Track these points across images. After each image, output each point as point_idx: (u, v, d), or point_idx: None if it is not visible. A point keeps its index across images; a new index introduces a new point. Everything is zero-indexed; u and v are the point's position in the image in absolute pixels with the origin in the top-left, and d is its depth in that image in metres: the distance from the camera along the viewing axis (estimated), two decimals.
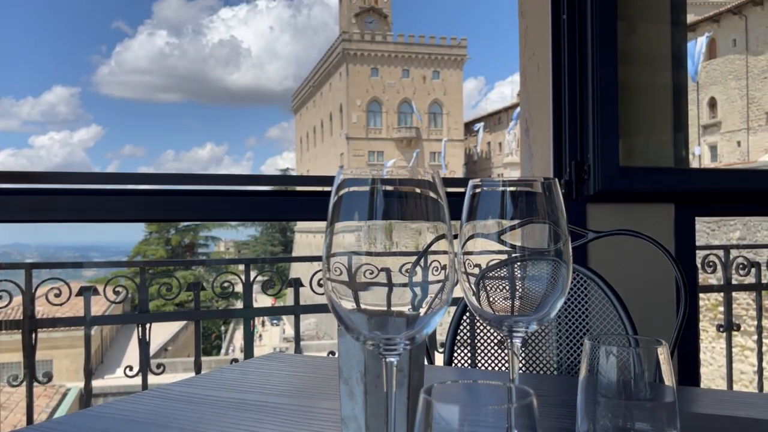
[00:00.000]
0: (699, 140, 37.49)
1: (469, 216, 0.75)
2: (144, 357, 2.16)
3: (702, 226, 15.32)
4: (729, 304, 2.64)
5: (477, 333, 1.55)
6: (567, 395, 0.86)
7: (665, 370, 0.68)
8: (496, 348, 1.55)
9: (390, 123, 61.00)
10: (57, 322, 2.23)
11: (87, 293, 2.14)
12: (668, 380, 0.68)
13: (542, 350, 1.49)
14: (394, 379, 0.61)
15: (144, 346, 2.16)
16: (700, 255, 2.55)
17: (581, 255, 1.98)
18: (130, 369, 2.15)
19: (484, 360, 1.55)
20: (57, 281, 2.13)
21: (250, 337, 2.24)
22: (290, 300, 2.34)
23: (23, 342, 2.09)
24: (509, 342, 0.69)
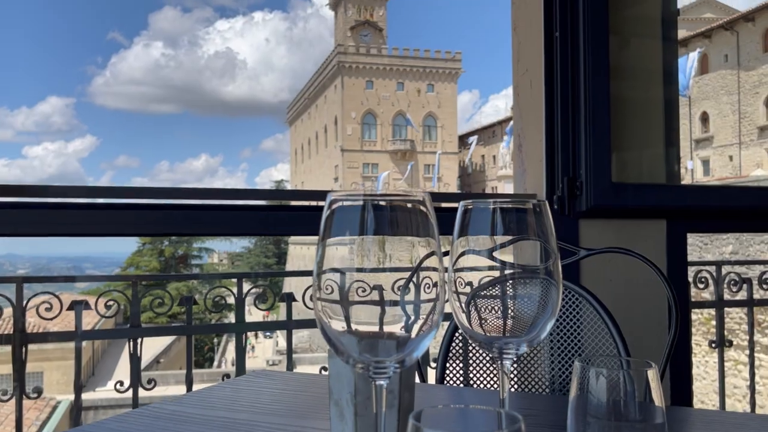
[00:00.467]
0: (691, 154, 37.73)
1: (461, 233, 0.75)
2: (135, 372, 2.15)
3: (695, 240, 15.37)
4: (721, 321, 2.64)
5: (470, 348, 1.55)
6: (558, 415, 0.86)
7: (655, 392, 0.68)
8: (489, 363, 1.55)
9: (385, 135, 61.16)
10: (48, 337, 2.21)
11: (78, 307, 2.13)
12: (658, 402, 0.68)
13: (535, 368, 1.48)
14: (384, 402, 0.61)
15: (135, 361, 2.15)
16: (692, 271, 2.56)
17: (573, 272, 1.99)
18: (121, 384, 2.13)
19: (477, 375, 1.55)
20: (48, 295, 2.12)
21: (242, 352, 2.23)
22: (283, 313, 2.33)
23: (13, 356, 2.07)
24: (500, 363, 0.70)
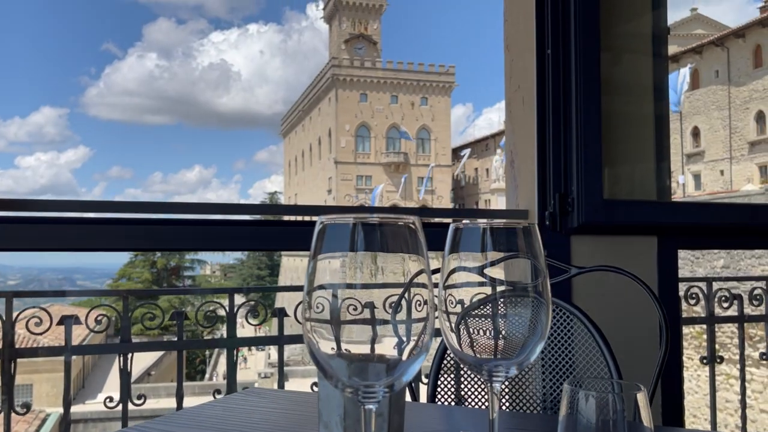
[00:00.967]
0: (683, 169, 37.99)
1: (451, 252, 0.75)
2: (125, 387, 2.13)
3: (686, 254, 15.44)
4: (712, 337, 2.65)
5: (462, 364, 1.55)
6: None
7: (644, 415, 0.69)
8: (481, 379, 1.55)
9: (378, 148, 61.30)
10: (37, 351, 2.19)
11: (68, 321, 2.12)
12: (647, 425, 0.68)
13: (527, 385, 1.48)
14: (373, 425, 0.61)
15: (125, 376, 2.13)
16: (684, 286, 2.58)
17: (565, 289, 1.99)
18: (111, 400, 2.11)
19: (470, 390, 1.55)
20: (38, 309, 2.10)
21: (233, 368, 2.21)
22: (276, 325, 2.32)
23: (2, 370, 2.05)
24: (489, 386, 0.70)
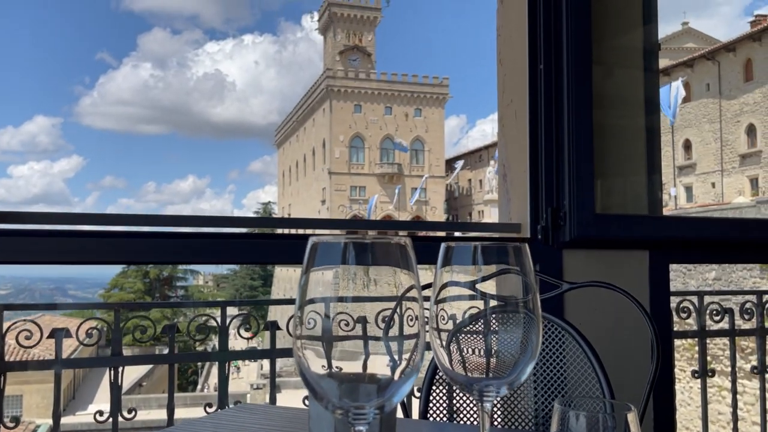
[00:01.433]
0: (675, 181, 38.23)
1: (443, 268, 0.76)
2: (115, 401, 2.11)
3: (678, 266, 15.50)
4: (704, 351, 2.66)
5: None
6: None
7: None
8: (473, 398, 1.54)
9: (372, 159, 61.41)
10: (27, 365, 2.17)
11: (59, 335, 2.10)
12: None
13: (519, 401, 1.48)
14: None
15: (116, 390, 2.11)
16: (675, 300, 2.58)
17: (557, 304, 2.00)
18: (101, 414, 2.09)
19: (463, 403, 1.55)
20: (28, 323, 2.09)
21: (225, 382, 2.20)
22: (268, 338, 2.30)
23: None
24: (480, 405, 0.70)
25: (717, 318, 2.67)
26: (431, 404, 1.56)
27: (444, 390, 1.57)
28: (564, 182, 2.14)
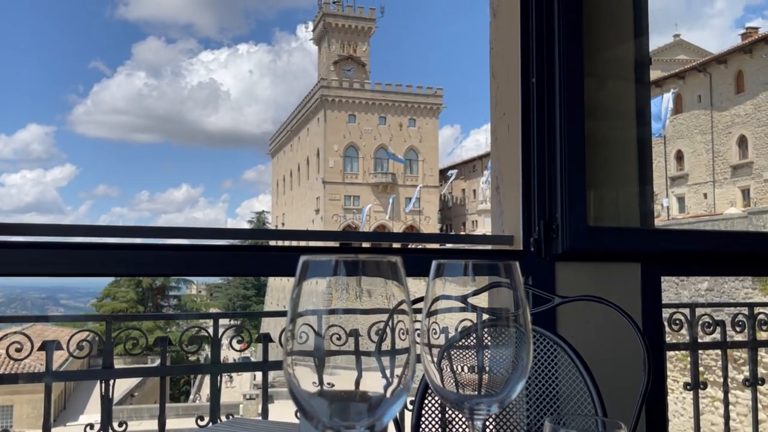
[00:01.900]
0: (667, 192, 38.41)
1: (435, 284, 0.76)
2: (106, 414, 2.10)
3: (671, 277, 15.55)
4: (695, 364, 2.67)
5: None
6: None
7: None
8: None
9: (366, 168, 61.48)
10: (18, 378, 2.16)
11: (50, 347, 2.09)
12: None
13: (511, 415, 1.48)
14: None
15: (107, 403, 2.10)
16: (667, 312, 2.59)
17: (550, 318, 2.00)
18: (91, 427, 2.08)
19: (455, 416, 1.54)
20: (19, 335, 2.07)
21: (217, 394, 2.19)
22: (260, 348, 2.30)
23: None
24: (470, 423, 0.70)
25: (709, 330, 2.68)
26: (424, 417, 1.56)
27: (437, 402, 1.56)
28: (556, 195, 2.15)
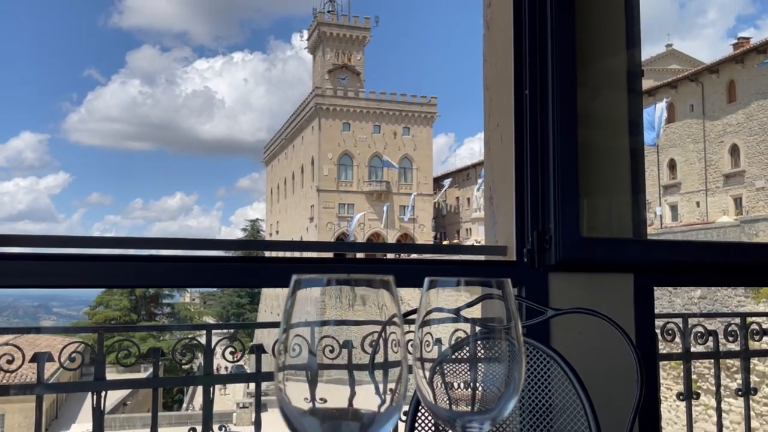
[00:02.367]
0: (660, 200, 38.60)
1: (427, 299, 0.76)
2: (98, 426, 2.08)
3: (664, 287, 15.61)
4: (688, 374, 2.67)
5: None
6: None
7: None
8: None
9: (361, 176, 61.55)
10: (9, 390, 2.14)
11: (41, 358, 2.07)
12: None
13: (505, 427, 1.48)
14: None
15: (98, 415, 2.08)
16: (660, 322, 2.60)
17: (543, 330, 2.01)
18: None
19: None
20: (9, 346, 2.06)
21: (210, 405, 2.18)
22: (254, 357, 2.29)
23: None
24: None
25: (701, 340, 2.69)
26: (417, 427, 1.56)
27: (430, 416, 1.56)
28: (549, 206, 2.16)
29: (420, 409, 1.55)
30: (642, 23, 2.64)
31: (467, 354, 0.75)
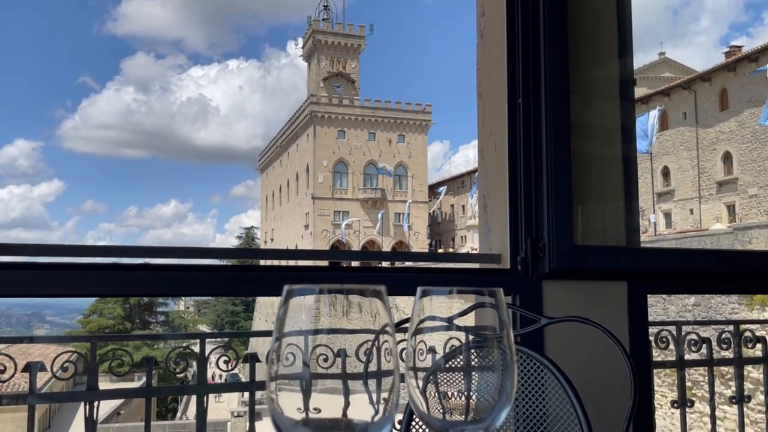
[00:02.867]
0: (654, 207, 38.74)
1: (420, 310, 0.76)
2: None
3: (657, 294, 15.65)
4: (682, 382, 2.67)
5: None
6: None
7: None
8: None
9: (356, 184, 61.57)
10: (1, 399, 2.12)
11: (34, 368, 2.06)
12: None
13: None
14: None
15: (90, 425, 2.07)
16: (654, 330, 2.61)
17: (537, 338, 2.01)
18: None
19: None
20: (2, 356, 2.05)
21: (203, 415, 2.17)
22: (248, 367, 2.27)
23: None
24: None
25: (695, 348, 2.69)
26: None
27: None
28: (543, 214, 2.16)
29: (414, 419, 1.54)
30: (634, 31, 2.66)
31: (460, 363, 0.75)
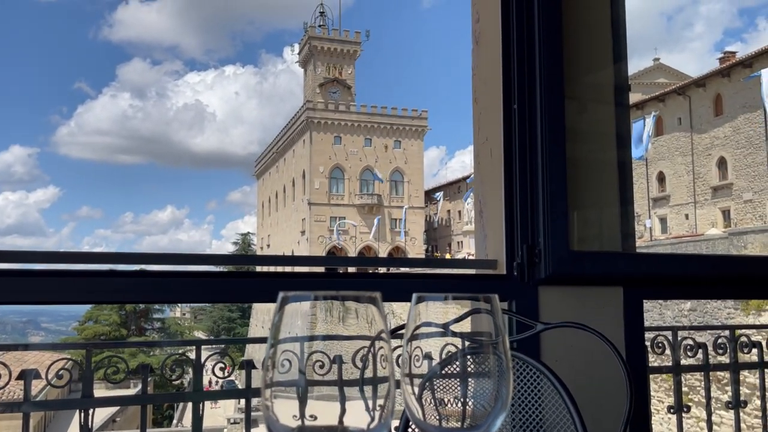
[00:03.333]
0: (649, 213, 38.84)
1: (415, 317, 0.76)
2: None
3: (653, 300, 15.66)
4: (678, 387, 2.68)
5: None
6: None
7: None
8: None
9: (352, 189, 61.58)
10: None
11: (28, 375, 2.05)
12: None
13: None
14: None
15: None
16: (650, 335, 2.61)
17: (533, 344, 2.01)
18: None
19: None
20: None
21: (199, 422, 2.16)
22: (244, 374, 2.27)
23: None
24: None
25: (691, 353, 2.70)
26: None
27: None
28: (539, 220, 2.17)
29: (410, 426, 1.54)
30: (629, 37, 2.67)
31: (456, 369, 0.75)
